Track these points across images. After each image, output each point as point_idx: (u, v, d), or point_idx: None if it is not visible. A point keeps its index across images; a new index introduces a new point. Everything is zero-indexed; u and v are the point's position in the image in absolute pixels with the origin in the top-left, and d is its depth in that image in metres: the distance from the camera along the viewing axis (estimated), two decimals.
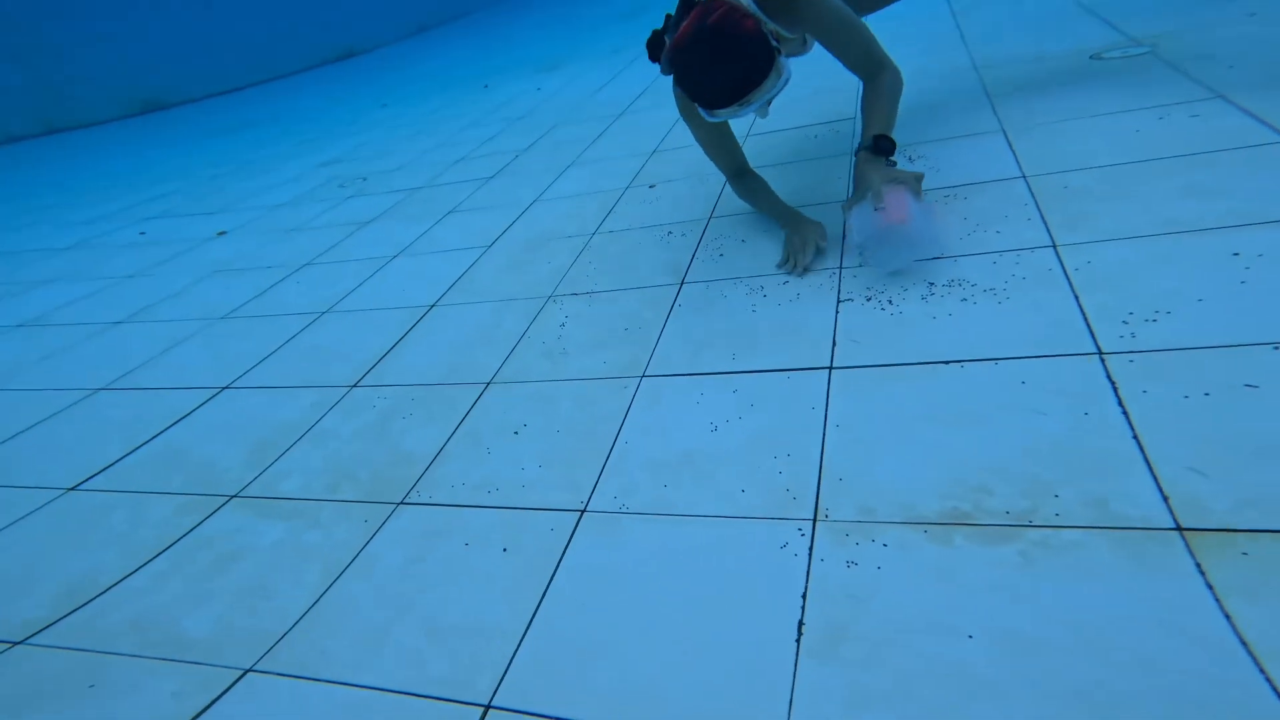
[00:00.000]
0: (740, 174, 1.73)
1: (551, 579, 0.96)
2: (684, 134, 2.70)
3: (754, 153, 2.09)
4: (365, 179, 3.49)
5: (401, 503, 1.20)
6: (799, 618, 0.80)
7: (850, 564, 0.84)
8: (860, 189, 1.40)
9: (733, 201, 1.97)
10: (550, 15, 9.33)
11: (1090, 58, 2.34)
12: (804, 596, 0.82)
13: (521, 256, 2.02)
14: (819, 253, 1.51)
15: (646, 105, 3.54)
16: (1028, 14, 3.00)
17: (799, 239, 1.53)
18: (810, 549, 0.88)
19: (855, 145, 1.50)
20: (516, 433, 1.28)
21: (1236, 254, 1.16)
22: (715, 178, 2.18)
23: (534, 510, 1.10)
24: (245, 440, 1.52)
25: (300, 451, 1.43)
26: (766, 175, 1.78)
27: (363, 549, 1.12)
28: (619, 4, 7.98)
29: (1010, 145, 1.83)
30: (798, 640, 0.77)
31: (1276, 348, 0.94)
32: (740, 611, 0.83)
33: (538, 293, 1.77)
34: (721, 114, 1.31)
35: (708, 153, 1.71)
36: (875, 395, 1.09)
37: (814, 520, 0.92)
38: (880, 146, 1.41)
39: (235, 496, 1.34)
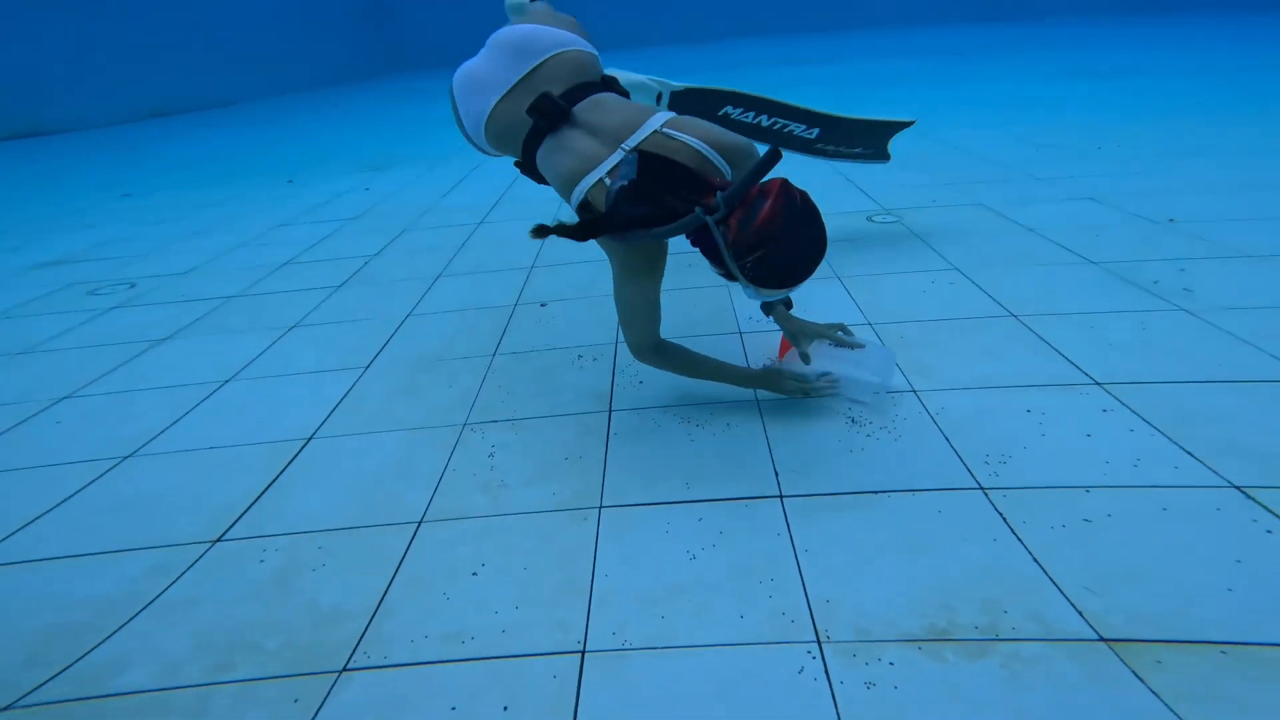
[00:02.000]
0: (659, 345, 1.57)
1: None
2: (560, 250, 2.80)
3: None
4: (134, 285, 2.96)
5: (345, 670, 1.06)
6: None
7: (869, 685, 0.96)
8: (807, 337, 1.65)
9: None
10: (360, 115, 9.03)
11: (867, 219, 2.99)
12: None
13: (414, 379, 1.94)
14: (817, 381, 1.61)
15: (505, 215, 3.59)
16: (812, 181, 3.71)
17: (799, 386, 1.60)
18: (826, 672, 0.99)
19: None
20: (475, 574, 1.23)
21: (1029, 410, 1.56)
22: (608, 300, 2.29)
23: (526, 658, 1.06)
24: (19, 631, 1.17)
25: (140, 630, 1.15)
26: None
27: None
28: (440, 111, 7.98)
29: (849, 293, 2.25)
30: None
31: (1088, 491, 1.29)
32: None
33: (449, 420, 1.71)
34: (784, 291, 1.36)
35: (635, 321, 1.51)
36: (829, 523, 1.27)
37: (818, 642, 1.04)
38: (788, 301, 1.69)
39: (9, 709, 1.01)
